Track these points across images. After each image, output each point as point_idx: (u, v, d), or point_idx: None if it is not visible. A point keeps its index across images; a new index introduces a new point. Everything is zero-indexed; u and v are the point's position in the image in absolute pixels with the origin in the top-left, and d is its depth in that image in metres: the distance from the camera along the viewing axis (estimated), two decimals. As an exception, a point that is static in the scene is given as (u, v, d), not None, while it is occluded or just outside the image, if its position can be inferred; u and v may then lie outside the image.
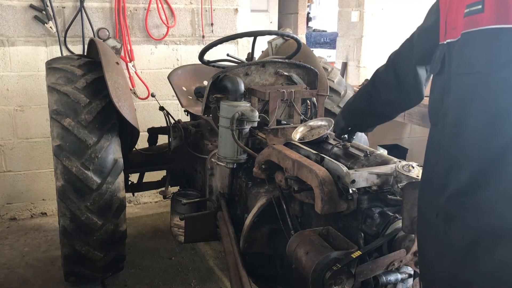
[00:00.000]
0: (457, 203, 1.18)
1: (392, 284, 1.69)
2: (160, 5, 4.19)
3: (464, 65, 1.19)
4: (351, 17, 5.22)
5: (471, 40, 1.16)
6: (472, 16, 1.14)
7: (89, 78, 2.71)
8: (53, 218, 4.17)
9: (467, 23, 1.16)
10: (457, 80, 1.21)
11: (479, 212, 1.13)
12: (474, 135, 1.15)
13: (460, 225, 1.17)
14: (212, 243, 3.62)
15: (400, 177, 1.64)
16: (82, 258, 2.62)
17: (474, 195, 1.14)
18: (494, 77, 1.11)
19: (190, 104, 3.39)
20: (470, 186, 1.15)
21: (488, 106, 1.12)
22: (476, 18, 1.13)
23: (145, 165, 3.44)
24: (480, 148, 1.13)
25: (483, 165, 1.13)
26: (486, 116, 1.13)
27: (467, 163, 1.16)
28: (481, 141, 1.13)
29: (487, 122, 1.12)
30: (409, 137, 5.46)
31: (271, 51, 3.49)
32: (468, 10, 1.16)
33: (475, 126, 1.15)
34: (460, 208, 1.17)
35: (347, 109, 2.10)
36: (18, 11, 3.87)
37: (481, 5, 1.12)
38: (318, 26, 10.72)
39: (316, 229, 1.84)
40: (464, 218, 1.16)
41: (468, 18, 1.16)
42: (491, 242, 1.11)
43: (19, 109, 4.04)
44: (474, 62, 1.15)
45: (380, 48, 5.11)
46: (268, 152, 2.13)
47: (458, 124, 1.19)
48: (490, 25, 1.10)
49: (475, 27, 1.14)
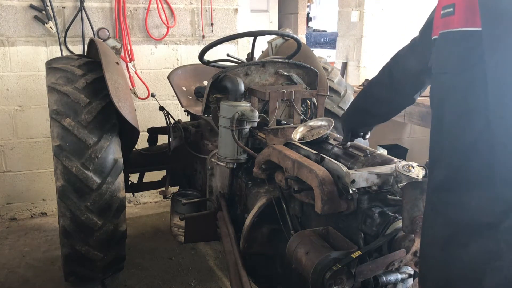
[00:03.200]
0: (439, 198, 1.24)
1: (392, 284, 1.69)
2: (160, 5, 4.19)
3: (440, 65, 1.26)
4: (351, 17, 5.22)
5: (445, 41, 1.23)
6: (446, 17, 1.21)
7: (89, 78, 2.71)
8: (53, 218, 4.17)
9: (443, 24, 1.23)
10: (435, 79, 1.29)
11: (457, 207, 1.18)
12: (449, 132, 1.21)
13: (442, 219, 1.22)
14: (212, 243, 3.62)
15: (400, 177, 1.64)
16: (82, 258, 2.62)
17: (452, 190, 1.20)
18: (463, 77, 1.17)
19: (190, 104, 3.39)
20: (447, 181, 1.21)
21: (459, 104, 1.18)
22: (449, 20, 1.20)
23: (145, 165, 3.44)
24: (453, 145, 1.20)
25: (457, 161, 1.19)
26: (457, 113, 1.19)
27: (444, 159, 1.23)
28: (454, 138, 1.20)
29: (458, 119, 1.18)
30: (409, 137, 5.46)
31: (271, 51, 3.49)
32: (443, 12, 1.23)
33: (449, 124, 1.21)
34: (441, 203, 1.23)
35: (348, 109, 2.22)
36: (18, 11, 3.87)
37: (452, 7, 1.19)
38: (318, 26, 10.72)
39: (316, 229, 1.84)
40: (444, 213, 1.21)
41: (444, 19, 1.23)
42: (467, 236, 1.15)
43: (19, 109, 4.04)
44: (446, 62, 1.23)
45: (380, 48, 5.12)
46: (268, 152, 2.13)
47: (438, 122, 1.26)
48: (460, 27, 1.17)
49: (448, 29, 1.21)
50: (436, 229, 1.24)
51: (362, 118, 2.11)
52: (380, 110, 2.03)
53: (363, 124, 2.16)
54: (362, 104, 2.08)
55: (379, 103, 1.99)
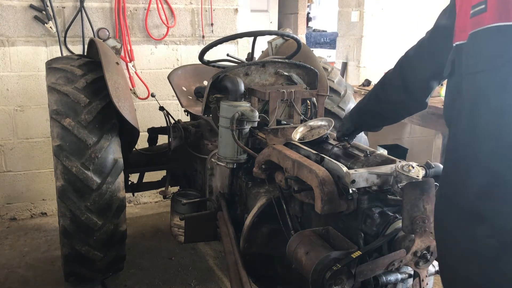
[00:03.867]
0: (481, 204, 1.16)
1: (392, 284, 1.69)
2: (160, 5, 4.19)
3: (471, 65, 1.21)
4: (351, 17, 5.22)
5: (476, 40, 1.18)
6: (477, 16, 1.17)
7: (89, 78, 2.71)
8: (53, 218, 4.17)
9: (473, 24, 1.19)
10: (467, 81, 1.23)
11: (505, 213, 1.11)
12: (487, 134, 1.15)
13: (487, 227, 1.14)
14: (212, 243, 3.62)
15: (400, 177, 1.64)
16: (82, 258, 2.62)
17: (497, 196, 1.12)
18: (499, 74, 1.12)
19: (190, 104, 3.39)
20: (491, 187, 1.14)
21: (495, 102, 1.13)
22: (480, 18, 1.16)
23: (145, 165, 3.44)
24: (494, 147, 1.13)
25: (496, 164, 1.12)
26: (494, 113, 1.13)
27: (484, 162, 1.15)
28: (494, 139, 1.13)
29: (497, 119, 1.12)
30: (409, 137, 5.46)
31: (271, 51, 3.49)
32: (473, 11, 1.19)
33: (486, 125, 1.15)
34: (485, 210, 1.15)
35: (356, 109, 2.13)
36: (18, 11, 3.87)
37: (484, 4, 1.15)
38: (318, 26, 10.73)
39: (316, 229, 1.84)
40: (490, 221, 1.14)
41: (474, 18, 1.18)
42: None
43: (19, 109, 4.04)
44: (479, 61, 1.17)
45: (380, 48, 5.12)
46: (268, 152, 2.13)
47: (471, 124, 1.19)
48: (493, 23, 1.13)
49: (479, 27, 1.16)
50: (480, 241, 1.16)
51: (371, 119, 2.06)
52: (391, 113, 1.97)
53: (370, 125, 2.12)
54: (372, 106, 2.01)
55: (390, 106, 1.92)
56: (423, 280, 1.62)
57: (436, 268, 1.75)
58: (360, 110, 2.10)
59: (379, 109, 1.98)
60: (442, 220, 1.32)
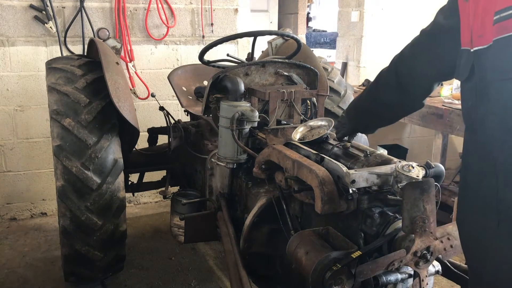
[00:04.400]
0: None
1: (392, 284, 1.69)
2: (160, 5, 4.19)
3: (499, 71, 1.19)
4: (351, 17, 5.22)
5: (504, 46, 1.16)
6: (503, 22, 1.15)
7: (89, 78, 2.71)
8: (53, 218, 4.17)
9: (498, 30, 1.17)
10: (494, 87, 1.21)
11: None
12: None
13: None
14: (212, 243, 3.62)
15: (400, 177, 1.63)
16: (82, 258, 2.62)
17: None
18: None
19: (190, 104, 3.39)
20: None
21: None
22: (508, 23, 1.14)
23: (145, 165, 3.44)
24: None
25: None
26: None
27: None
28: None
29: None
30: (409, 137, 5.46)
31: (271, 51, 3.49)
32: (498, 17, 1.16)
33: None
34: None
35: (352, 108, 2.10)
36: (18, 11, 3.87)
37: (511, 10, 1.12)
38: (318, 26, 10.73)
39: (316, 229, 1.84)
40: None
41: (499, 24, 1.16)
42: None
43: (19, 109, 4.05)
44: (509, 67, 1.16)
45: (380, 48, 5.11)
46: (268, 152, 2.13)
47: (505, 132, 1.18)
48: None
49: (507, 33, 1.14)
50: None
51: (368, 120, 2.03)
52: (388, 113, 1.94)
53: (367, 127, 2.10)
54: (368, 106, 1.97)
55: (386, 106, 1.89)
56: (423, 280, 1.62)
57: (436, 268, 1.76)
58: (356, 110, 2.07)
59: (374, 109, 1.95)
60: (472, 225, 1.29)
